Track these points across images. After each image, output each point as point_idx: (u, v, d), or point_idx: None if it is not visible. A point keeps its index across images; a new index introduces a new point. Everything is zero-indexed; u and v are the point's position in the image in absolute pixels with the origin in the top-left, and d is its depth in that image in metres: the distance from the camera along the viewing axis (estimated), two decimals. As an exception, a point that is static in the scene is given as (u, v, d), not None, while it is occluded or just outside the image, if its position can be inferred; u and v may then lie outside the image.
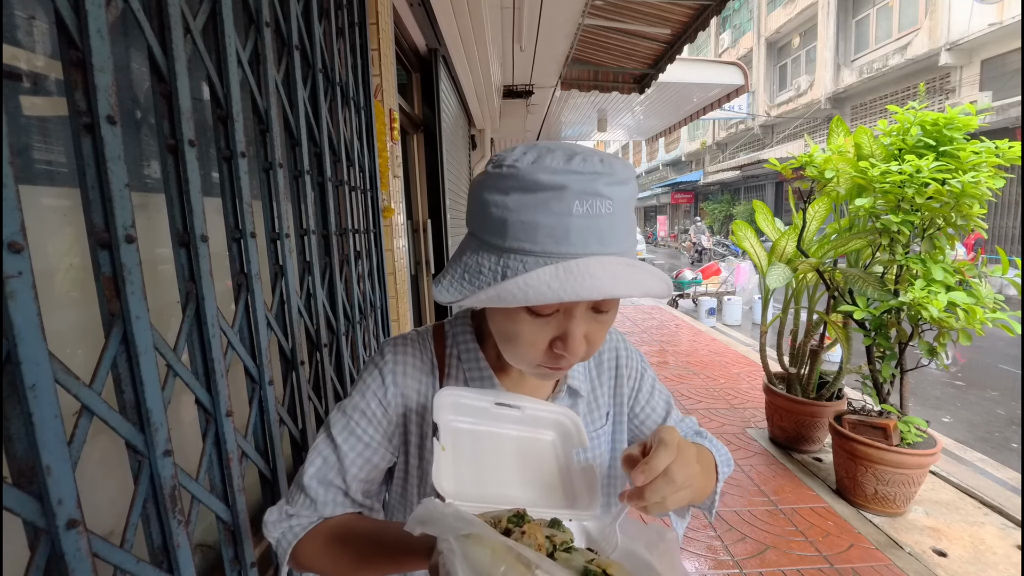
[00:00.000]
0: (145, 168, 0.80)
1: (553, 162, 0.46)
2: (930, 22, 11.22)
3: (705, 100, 6.94)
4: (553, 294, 0.44)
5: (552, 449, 0.60)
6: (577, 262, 0.45)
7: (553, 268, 0.45)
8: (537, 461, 0.59)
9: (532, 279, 0.45)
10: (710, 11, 3.77)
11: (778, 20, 16.58)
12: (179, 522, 0.62)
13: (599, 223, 0.46)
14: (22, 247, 0.43)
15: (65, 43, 0.51)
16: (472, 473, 0.54)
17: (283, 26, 1.01)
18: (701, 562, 2.04)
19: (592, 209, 0.46)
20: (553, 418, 0.61)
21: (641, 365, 0.74)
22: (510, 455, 0.57)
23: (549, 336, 0.52)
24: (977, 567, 2.00)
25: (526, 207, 0.47)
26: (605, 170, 0.46)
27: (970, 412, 3.92)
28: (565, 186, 0.45)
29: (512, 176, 0.47)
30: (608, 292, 0.44)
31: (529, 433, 0.60)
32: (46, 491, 0.45)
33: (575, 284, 0.44)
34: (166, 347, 0.63)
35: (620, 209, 0.47)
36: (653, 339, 5.78)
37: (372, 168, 1.58)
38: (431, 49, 2.84)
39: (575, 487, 0.57)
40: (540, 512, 0.49)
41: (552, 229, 0.46)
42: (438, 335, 0.66)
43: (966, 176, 2.04)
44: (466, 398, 0.56)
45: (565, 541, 0.45)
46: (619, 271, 0.46)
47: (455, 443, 0.54)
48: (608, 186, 0.46)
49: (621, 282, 0.45)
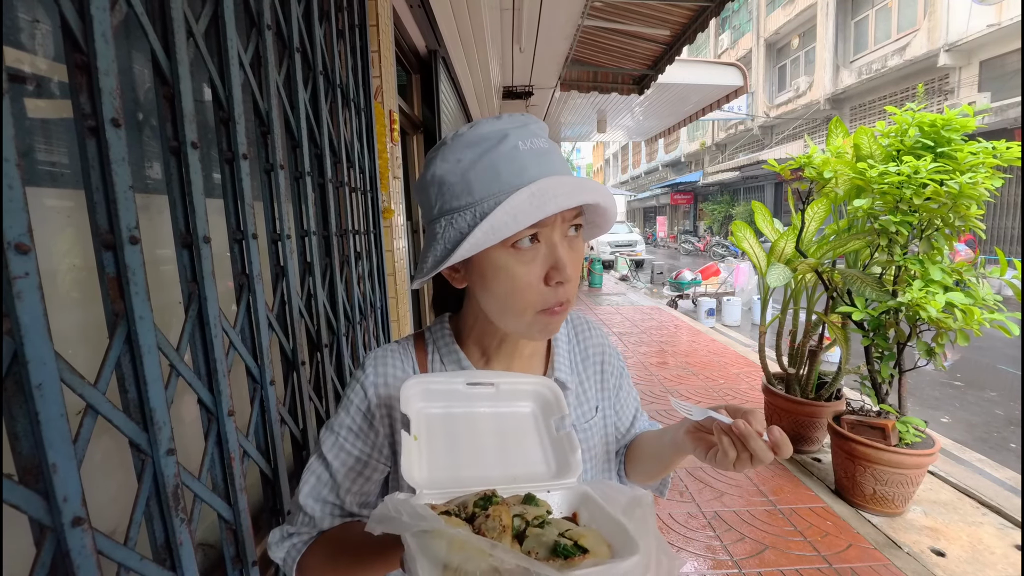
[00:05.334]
0: (148, 170, 0.80)
1: (486, 123, 0.55)
2: (929, 23, 11.24)
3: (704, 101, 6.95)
4: (536, 211, 0.50)
5: (532, 420, 0.59)
6: (543, 181, 0.51)
7: (527, 190, 0.51)
8: (516, 435, 0.58)
9: (514, 202, 0.50)
10: (709, 12, 3.78)
11: (777, 21, 16.61)
12: (182, 520, 0.63)
13: (544, 155, 0.54)
14: (29, 248, 0.43)
15: (70, 47, 0.52)
16: (448, 458, 0.53)
17: (284, 28, 1.02)
18: (700, 562, 2.05)
19: (534, 145, 0.54)
20: (530, 389, 0.60)
21: (620, 364, 0.77)
22: (488, 434, 0.57)
23: (540, 272, 0.55)
24: (975, 567, 2.00)
25: (480, 158, 0.53)
26: (528, 121, 0.56)
27: (969, 412, 3.92)
28: (506, 132, 0.54)
29: (455, 143, 0.55)
30: (577, 199, 0.52)
31: (506, 408, 0.59)
32: (52, 489, 0.46)
33: (549, 199, 0.50)
34: (169, 347, 0.63)
35: (551, 146, 0.56)
36: (652, 339, 5.79)
37: (372, 169, 1.58)
38: (431, 50, 2.85)
39: (556, 456, 0.57)
40: (517, 488, 0.49)
41: (510, 166, 0.52)
42: (419, 342, 0.68)
43: (964, 177, 2.04)
44: (436, 383, 0.56)
45: (539, 516, 0.45)
46: (575, 184, 0.52)
47: (428, 430, 0.54)
48: (536, 129, 0.56)
49: (586, 191, 0.53)
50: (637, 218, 34.55)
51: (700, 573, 1.99)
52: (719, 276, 8.33)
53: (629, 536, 0.44)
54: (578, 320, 0.76)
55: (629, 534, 0.44)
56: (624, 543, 0.44)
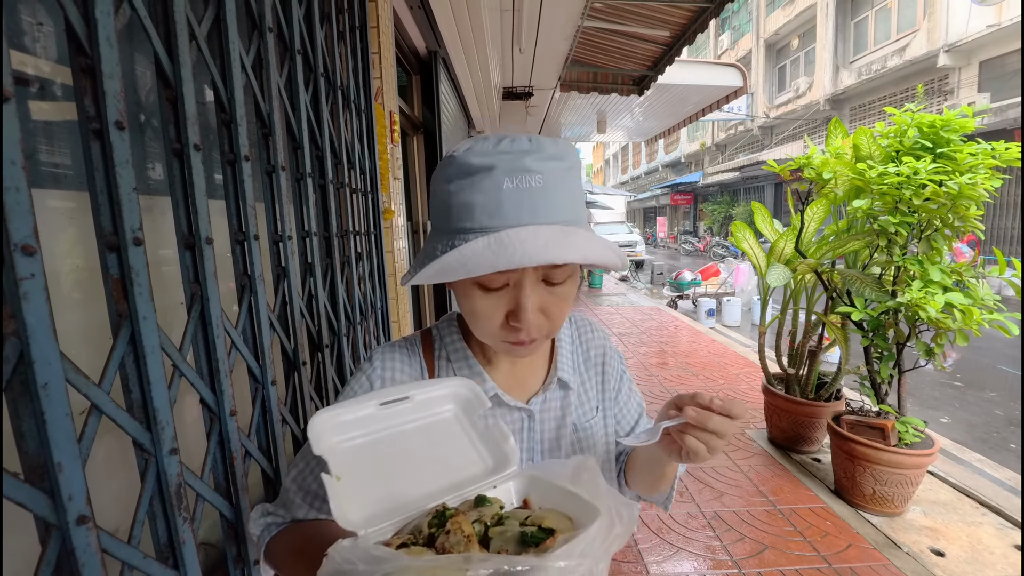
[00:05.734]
0: (151, 172, 0.81)
1: (484, 146, 0.51)
2: (928, 24, 11.25)
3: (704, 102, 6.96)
4: (488, 264, 0.47)
5: (457, 424, 0.58)
6: (508, 231, 0.48)
7: (486, 239, 0.47)
8: (446, 442, 0.56)
9: (467, 250, 0.48)
10: (708, 13, 3.79)
11: (777, 22, 16.62)
12: (184, 519, 0.63)
13: (531, 196, 0.49)
14: (35, 250, 0.44)
15: (75, 50, 0.53)
16: (381, 488, 0.50)
17: (286, 31, 1.03)
18: (700, 562, 2.05)
19: (522, 183, 0.49)
20: (446, 392, 0.58)
21: (621, 367, 0.77)
22: (417, 449, 0.54)
23: (503, 310, 0.54)
24: (975, 567, 2.00)
25: (463, 189, 0.51)
26: (533, 148, 0.50)
27: (968, 413, 3.93)
28: (494, 165, 0.49)
29: (451, 164, 0.52)
30: (540, 258, 0.46)
31: (428, 418, 0.57)
32: (57, 487, 0.46)
33: (507, 252, 0.46)
34: (172, 347, 0.64)
35: (552, 181, 0.50)
36: (652, 340, 5.79)
37: (373, 170, 1.59)
38: (431, 51, 2.86)
39: (490, 451, 0.56)
40: (462, 495, 0.49)
41: (485, 205, 0.49)
42: (426, 340, 0.68)
43: (963, 178, 2.05)
44: (346, 414, 0.51)
45: (495, 514, 0.45)
46: (552, 238, 0.47)
47: (353, 465, 0.49)
48: (537, 161, 0.49)
49: (554, 248, 0.47)
50: (637, 219, 34.56)
51: (700, 573, 1.99)
52: (719, 276, 8.34)
53: (585, 502, 0.45)
54: (581, 321, 0.76)
55: (585, 500, 0.45)
56: (583, 510, 0.45)
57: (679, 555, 2.10)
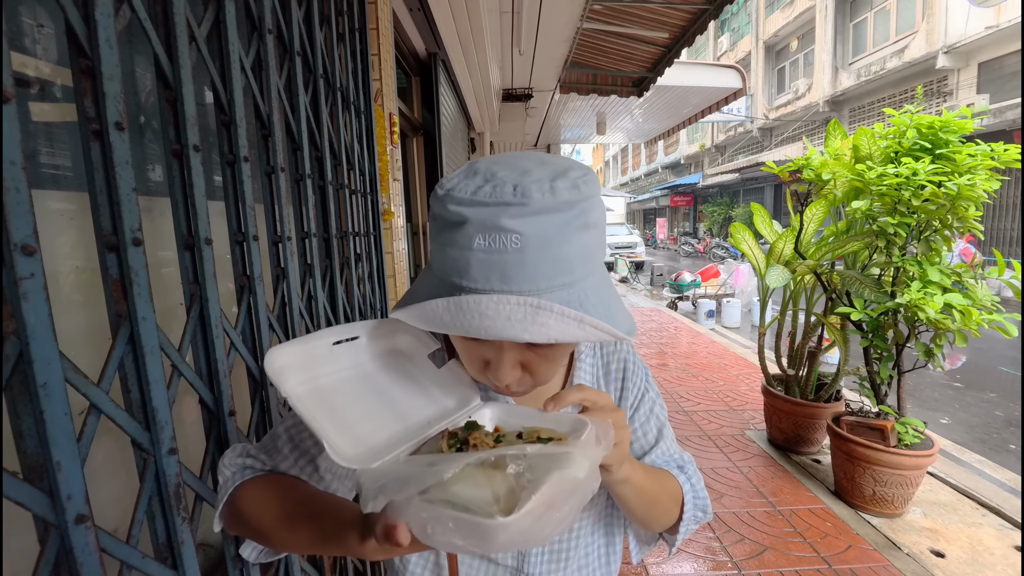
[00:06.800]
0: (150, 172, 0.81)
1: (464, 191, 0.44)
2: (927, 25, 11.28)
3: (703, 103, 6.97)
4: (445, 327, 0.44)
5: (414, 364, 0.58)
6: (468, 298, 0.41)
7: (445, 302, 0.42)
8: (409, 379, 0.55)
9: (428, 308, 0.44)
10: (708, 15, 3.80)
11: (776, 23, 16.66)
12: (183, 519, 0.63)
13: (503, 259, 0.42)
14: (35, 250, 0.44)
15: (75, 51, 0.53)
16: (365, 426, 0.48)
17: (285, 32, 1.03)
18: (700, 563, 2.05)
19: (494, 244, 0.42)
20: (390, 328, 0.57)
21: (645, 383, 0.72)
22: (384, 388, 0.53)
23: (483, 357, 0.52)
24: (975, 568, 2.00)
25: (438, 235, 0.47)
26: (516, 200, 0.41)
27: (968, 414, 3.92)
28: (465, 220, 0.43)
29: (435, 201, 0.47)
30: (498, 334, 0.42)
31: (386, 357, 0.56)
32: (56, 486, 0.46)
33: (465, 321, 0.42)
34: (171, 347, 0.64)
35: (533, 243, 0.42)
36: (652, 341, 5.79)
37: (372, 171, 1.59)
38: (431, 53, 2.86)
39: (453, 388, 0.57)
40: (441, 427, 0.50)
41: (456, 262, 0.44)
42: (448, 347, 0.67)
43: (962, 179, 2.05)
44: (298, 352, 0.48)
45: (493, 433, 0.47)
46: (517, 313, 0.41)
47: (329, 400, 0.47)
48: (514, 219, 0.41)
49: (517, 325, 0.41)
50: (637, 220, 34.58)
51: (700, 574, 1.99)
52: (719, 278, 8.34)
53: (568, 417, 0.47)
54: None
55: (566, 417, 0.48)
56: (569, 424, 0.47)
57: (679, 556, 2.10)
